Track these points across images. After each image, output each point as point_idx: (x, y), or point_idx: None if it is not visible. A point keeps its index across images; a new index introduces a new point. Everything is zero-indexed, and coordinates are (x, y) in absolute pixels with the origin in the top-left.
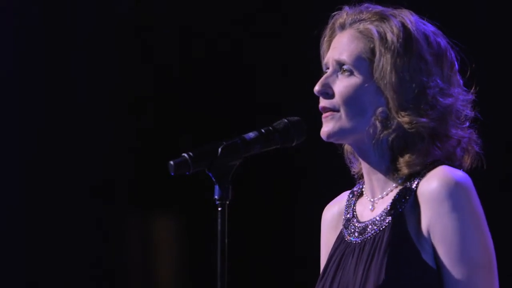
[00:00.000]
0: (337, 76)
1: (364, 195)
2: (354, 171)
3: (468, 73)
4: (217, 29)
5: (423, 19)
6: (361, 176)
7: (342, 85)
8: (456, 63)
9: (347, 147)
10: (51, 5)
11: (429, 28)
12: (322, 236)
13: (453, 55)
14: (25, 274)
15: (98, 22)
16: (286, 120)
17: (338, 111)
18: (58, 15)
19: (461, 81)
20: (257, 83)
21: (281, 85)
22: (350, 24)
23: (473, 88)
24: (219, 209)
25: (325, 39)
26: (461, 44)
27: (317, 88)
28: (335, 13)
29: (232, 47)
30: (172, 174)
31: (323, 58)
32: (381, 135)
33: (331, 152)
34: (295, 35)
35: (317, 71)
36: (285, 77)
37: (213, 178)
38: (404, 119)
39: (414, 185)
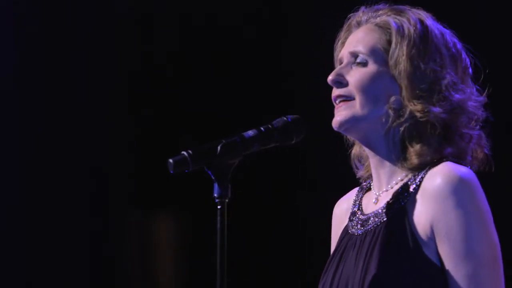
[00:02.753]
0: (351, 67)
1: (372, 189)
2: (359, 175)
3: (482, 78)
4: (217, 29)
5: (442, 24)
6: (367, 178)
7: (356, 74)
8: (470, 67)
9: (354, 150)
10: (51, 5)
11: (446, 29)
12: (332, 232)
13: (467, 59)
14: (25, 274)
15: (98, 22)
16: (285, 118)
17: (352, 99)
18: (58, 15)
19: (474, 86)
20: (256, 83)
21: (281, 84)
22: (366, 21)
23: (486, 90)
24: (219, 207)
25: (340, 41)
26: (475, 51)
27: (330, 77)
28: (351, 14)
29: (232, 47)
30: (172, 172)
31: (336, 59)
32: (394, 124)
33: (331, 150)
34: (296, 36)
35: (316, 71)
36: (285, 76)
37: (212, 176)
38: (416, 107)
39: (418, 180)
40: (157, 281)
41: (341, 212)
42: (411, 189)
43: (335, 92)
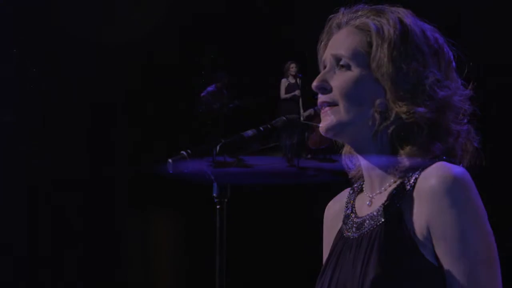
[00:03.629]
0: (334, 72)
1: (364, 191)
2: (351, 176)
3: (466, 71)
4: (216, 30)
5: (422, 20)
6: (359, 178)
7: (339, 79)
8: (453, 61)
9: (345, 151)
10: (51, 5)
11: (427, 25)
12: (324, 235)
13: (450, 53)
14: (27, 274)
15: (98, 22)
16: (284, 118)
17: (336, 105)
18: (57, 15)
19: (459, 80)
20: (257, 83)
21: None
22: (347, 22)
23: (471, 84)
24: (218, 207)
25: (322, 43)
26: (458, 44)
27: (315, 83)
28: (331, 16)
29: (231, 48)
30: (171, 172)
31: (320, 61)
32: (380, 127)
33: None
34: (295, 38)
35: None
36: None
37: (211, 176)
38: (401, 109)
39: (412, 180)
40: (157, 280)
41: (333, 214)
42: (405, 190)
43: (321, 98)
